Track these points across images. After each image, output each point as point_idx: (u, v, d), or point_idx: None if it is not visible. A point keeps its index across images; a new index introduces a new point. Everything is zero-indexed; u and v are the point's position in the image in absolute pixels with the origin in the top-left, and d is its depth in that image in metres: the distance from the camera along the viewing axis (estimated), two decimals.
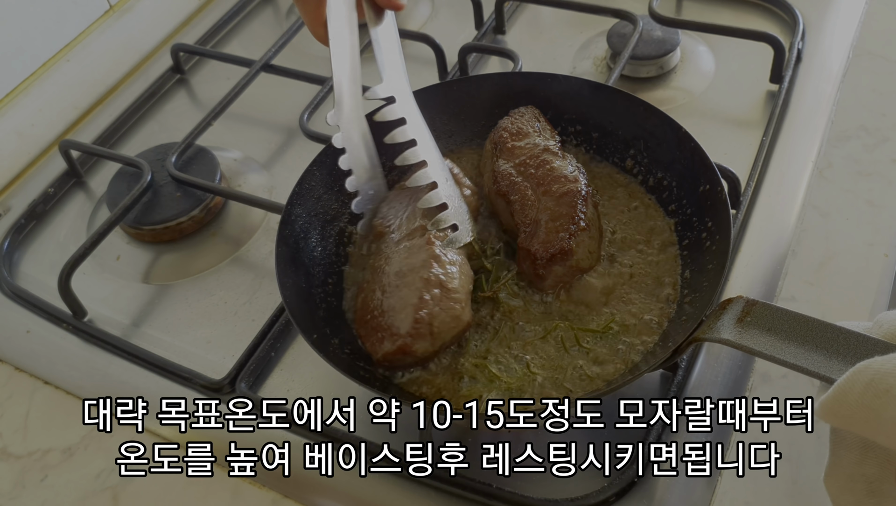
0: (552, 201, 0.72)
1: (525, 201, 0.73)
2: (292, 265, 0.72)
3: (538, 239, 0.70)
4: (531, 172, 0.74)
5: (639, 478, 0.65)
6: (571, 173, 0.73)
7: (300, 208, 0.76)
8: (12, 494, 0.71)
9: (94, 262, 0.88)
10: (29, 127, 1.03)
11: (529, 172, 0.74)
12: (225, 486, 0.69)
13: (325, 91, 0.97)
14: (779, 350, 0.54)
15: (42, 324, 0.83)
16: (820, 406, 0.48)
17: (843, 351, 0.52)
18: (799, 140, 0.89)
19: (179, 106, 1.08)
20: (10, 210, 0.96)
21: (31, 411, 0.77)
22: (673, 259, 0.73)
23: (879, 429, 0.45)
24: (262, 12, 1.21)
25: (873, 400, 0.45)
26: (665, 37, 1.00)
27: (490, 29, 1.09)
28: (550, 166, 0.74)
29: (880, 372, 0.45)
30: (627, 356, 0.67)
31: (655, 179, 0.78)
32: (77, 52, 1.09)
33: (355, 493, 0.67)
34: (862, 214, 0.81)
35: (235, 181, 0.96)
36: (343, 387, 0.72)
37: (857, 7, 1.04)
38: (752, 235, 0.81)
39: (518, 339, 0.69)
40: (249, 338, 0.77)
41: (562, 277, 0.70)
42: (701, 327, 0.60)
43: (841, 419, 0.47)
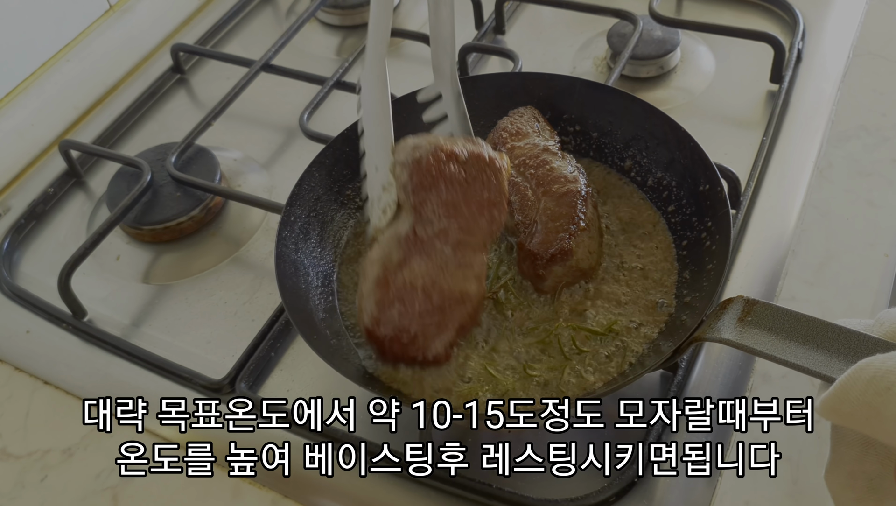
0: (552, 201, 0.72)
1: (525, 201, 0.73)
2: (292, 266, 0.72)
3: (538, 239, 0.70)
4: (531, 172, 0.74)
5: (639, 478, 0.65)
6: (571, 173, 0.73)
7: (300, 209, 0.76)
8: (12, 494, 0.71)
9: (93, 262, 0.88)
10: (29, 127, 1.03)
11: (529, 172, 0.74)
12: (225, 486, 0.69)
13: (325, 91, 0.97)
14: (779, 350, 0.54)
15: (42, 324, 0.83)
16: (821, 404, 0.48)
17: (844, 350, 0.52)
18: (799, 140, 0.89)
19: (179, 106, 1.08)
20: (10, 210, 0.96)
21: (31, 411, 0.77)
22: (672, 259, 0.73)
23: (880, 427, 0.45)
24: (262, 12, 1.21)
25: (874, 398, 0.45)
26: (665, 37, 1.00)
27: (490, 29, 1.09)
28: (550, 166, 0.74)
29: (881, 370, 0.45)
30: (627, 357, 0.67)
31: (655, 178, 0.78)
32: (77, 52, 1.09)
33: (355, 493, 0.67)
34: (862, 214, 0.81)
35: (235, 181, 0.96)
36: (343, 387, 0.72)
37: (857, 7, 1.04)
38: (752, 235, 0.81)
39: (518, 339, 0.69)
40: (249, 338, 0.77)
41: (562, 277, 0.70)
42: (701, 327, 0.60)
43: (842, 417, 0.48)
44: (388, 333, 0.64)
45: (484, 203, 0.64)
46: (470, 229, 0.64)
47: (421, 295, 0.63)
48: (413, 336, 0.64)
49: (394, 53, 1.10)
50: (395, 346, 0.65)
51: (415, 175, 0.62)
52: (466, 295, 0.64)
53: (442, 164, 0.62)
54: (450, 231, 0.63)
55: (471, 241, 0.64)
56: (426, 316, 0.64)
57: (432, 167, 0.62)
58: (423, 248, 0.62)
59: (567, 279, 0.71)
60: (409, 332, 0.64)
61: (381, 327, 0.64)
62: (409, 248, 0.62)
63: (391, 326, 0.64)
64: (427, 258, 0.62)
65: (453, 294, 0.64)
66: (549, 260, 0.69)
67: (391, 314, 0.64)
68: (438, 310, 0.64)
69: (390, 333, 0.64)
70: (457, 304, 0.64)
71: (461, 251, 0.64)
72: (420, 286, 0.62)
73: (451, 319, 0.65)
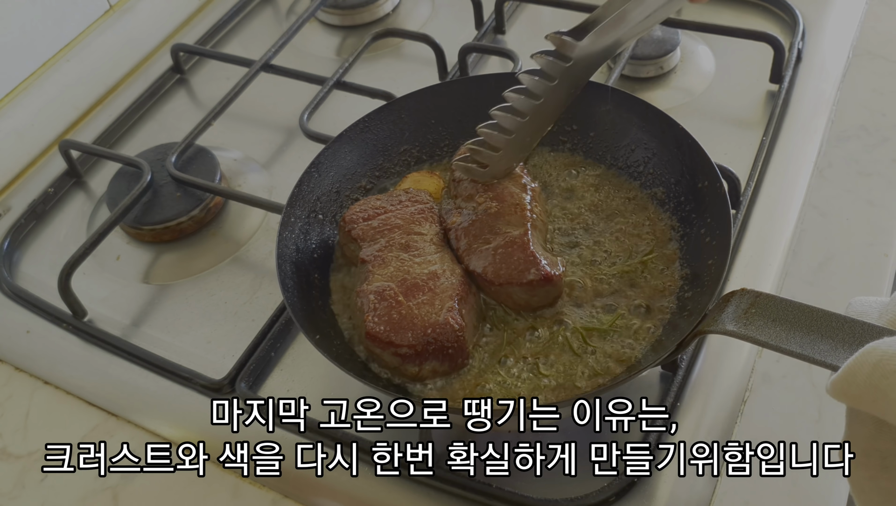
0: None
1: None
2: (293, 267, 0.72)
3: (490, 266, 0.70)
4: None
5: (639, 478, 0.65)
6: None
7: (300, 210, 0.76)
8: (12, 494, 0.71)
9: (94, 262, 0.88)
10: (29, 127, 1.03)
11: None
12: (224, 486, 0.69)
13: (325, 91, 0.97)
14: (784, 340, 0.54)
15: (42, 324, 0.83)
16: (830, 386, 0.49)
17: (850, 339, 0.52)
18: (799, 140, 0.89)
19: (179, 106, 1.08)
20: (10, 210, 0.96)
21: (31, 411, 0.77)
22: (673, 256, 0.73)
23: (887, 408, 0.46)
24: (262, 12, 1.21)
25: (881, 381, 0.45)
26: (665, 37, 1.00)
27: (490, 29, 1.09)
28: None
29: (888, 353, 0.46)
30: (631, 353, 0.67)
31: (654, 177, 0.78)
32: (77, 52, 1.09)
33: (355, 493, 0.67)
34: (862, 214, 0.81)
35: (235, 181, 0.96)
36: (343, 387, 0.72)
37: (857, 7, 1.04)
38: (752, 235, 0.81)
39: (522, 344, 0.69)
40: (249, 338, 0.77)
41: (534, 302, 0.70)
42: (705, 321, 0.60)
43: (850, 399, 0.48)
44: (390, 328, 0.65)
45: (415, 213, 0.74)
46: (410, 231, 0.72)
47: (397, 286, 0.67)
48: (412, 319, 0.65)
49: (394, 53, 1.10)
50: (403, 333, 0.65)
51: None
52: (434, 274, 0.68)
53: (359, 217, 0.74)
54: (394, 239, 0.71)
55: (416, 239, 0.72)
56: (411, 296, 0.67)
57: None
58: (379, 261, 0.70)
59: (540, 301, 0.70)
60: (408, 318, 0.65)
61: (383, 327, 0.65)
62: (368, 268, 0.70)
63: (389, 323, 0.65)
64: (386, 265, 0.70)
65: (422, 275, 0.68)
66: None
67: (383, 311, 0.66)
68: (418, 289, 0.67)
69: (393, 327, 0.65)
70: (432, 279, 0.68)
71: (412, 249, 0.71)
72: (395, 281, 0.68)
73: (438, 293, 0.67)
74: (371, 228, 0.73)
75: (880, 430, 0.49)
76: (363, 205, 0.75)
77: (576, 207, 0.78)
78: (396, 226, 0.73)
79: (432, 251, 0.71)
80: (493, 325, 0.70)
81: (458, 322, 0.65)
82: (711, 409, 0.69)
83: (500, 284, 0.68)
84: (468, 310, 0.68)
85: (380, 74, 1.06)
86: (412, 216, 0.74)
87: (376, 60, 1.09)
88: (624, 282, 0.72)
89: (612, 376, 0.66)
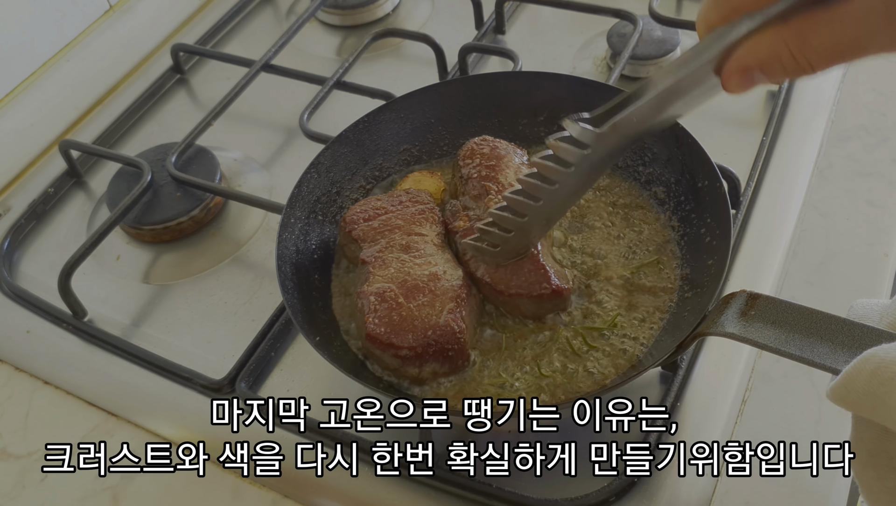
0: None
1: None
2: (293, 269, 0.72)
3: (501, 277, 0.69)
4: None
5: (639, 478, 0.65)
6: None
7: (300, 211, 0.76)
8: (12, 494, 0.71)
9: (94, 262, 0.88)
10: (29, 127, 1.03)
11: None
12: (225, 486, 0.69)
13: (325, 91, 0.97)
14: (784, 343, 0.54)
15: (42, 324, 0.83)
16: (830, 392, 0.49)
17: (849, 342, 0.52)
18: (799, 140, 0.89)
19: (179, 106, 1.08)
20: (10, 210, 0.96)
21: (31, 411, 0.77)
22: (673, 256, 0.73)
23: (886, 415, 0.46)
24: (262, 12, 1.21)
25: (878, 388, 0.45)
26: (665, 37, 1.00)
27: (490, 29, 1.09)
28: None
29: (885, 361, 0.46)
30: (631, 354, 0.67)
31: (654, 176, 0.78)
32: (77, 52, 1.09)
33: (355, 493, 0.67)
34: (862, 214, 0.81)
35: (235, 181, 0.96)
36: (343, 387, 0.72)
37: None
38: (752, 235, 0.81)
39: (522, 345, 0.69)
40: (249, 338, 0.77)
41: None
42: (705, 322, 0.60)
43: (849, 405, 0.48)
44: (391, 330, 0.65)
45: (416, 213, 0.74)
46: (410, 231, 0.72)
47: (397, 287, 0.67)
48: (413, 321, 0.65)
49: (394, 53, 1.10)
50: (404, 334, 0.65)
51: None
52: (435, 275, 0.68)
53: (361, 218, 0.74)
54: (394, 240, 0.71)
55: (416, 239, 0.72)
56: (412, 298, 0.66)
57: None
58: (379, 262, 0.70)
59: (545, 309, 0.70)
60: (409, 320, 0.65)
61: (383, 328, 0.65)
62: (368, 269, 0.69)
63: (390, 324, 0.65)
64: (387, 266, 0.69)
65: (423, 276, 0.68)
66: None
67: (383, 313, 0.65)
68: (418, 290, 0.67)
69: (393, 329, 0.65)
70: (433, 280, 0.67)
71: (412, 250, 0.71)
72: (396, 283, 0.67)
73: (439, 294, 0.67)
74: (371, 229, 0.73)
75: (886, 431, 0.50)
76: (363, 205, 0.75)
77: (576, 207, 0.78)
78: (397, 226, 0.73)
79: (433, 252, 0.71)
80: (494, 325, 0.70)
81: (458, 324, 0.65)
82: (711, 409, 0.69)
83: (510, 295, 0.68)
84: (468, 311, 0.68)
85: (380, 74, 1.06)
86: (413, 217, 0.74)
87: (376, 60, 1.09)
88: (624, 282, 0.72)
89: (611, 377, 0.66)
